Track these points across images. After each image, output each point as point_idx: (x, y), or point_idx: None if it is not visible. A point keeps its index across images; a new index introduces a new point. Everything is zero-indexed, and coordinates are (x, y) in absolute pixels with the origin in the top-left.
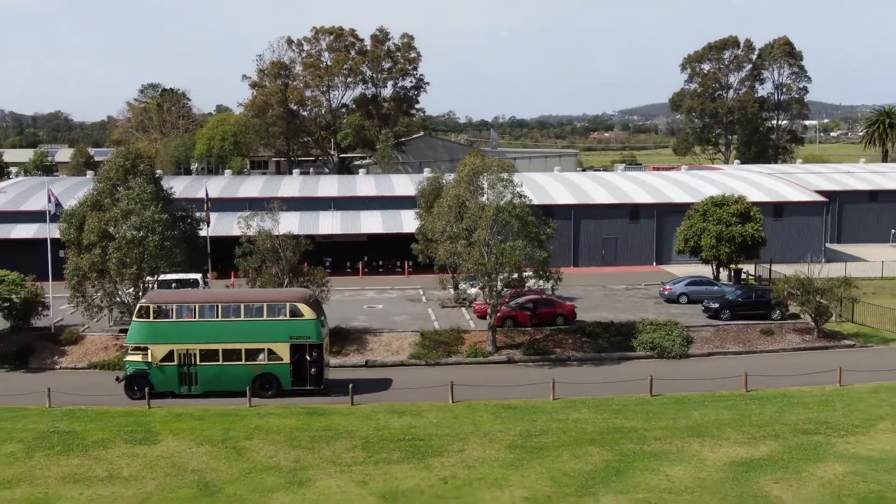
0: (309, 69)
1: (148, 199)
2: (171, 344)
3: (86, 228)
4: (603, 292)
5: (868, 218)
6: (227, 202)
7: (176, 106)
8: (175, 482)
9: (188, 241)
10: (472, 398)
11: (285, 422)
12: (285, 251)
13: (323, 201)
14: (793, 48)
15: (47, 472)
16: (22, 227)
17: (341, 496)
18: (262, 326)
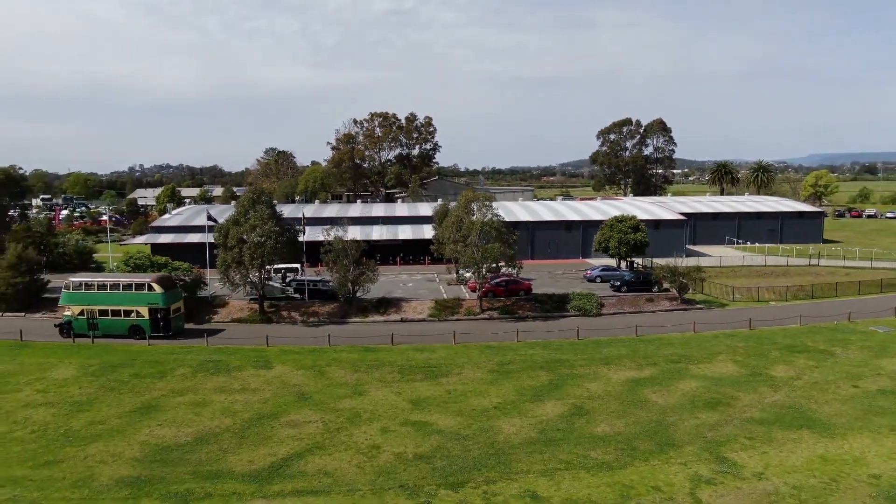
0: (367, 138)
1: (267, 217)
2: (83, 305)
3: (229, 236)
4: (549, 276)
5: (712, 229)
6: (316, 220)
7: (286, 161)
8: (283, 392)
9: (291, 244)
10: (466, 342)
11: (350, 356)
12: (351, 250)
13: (375, 219)
14: (665, 125)
15: (204, 386)
16: (192, 235)
17: (385, 401)
18: (133, 296)
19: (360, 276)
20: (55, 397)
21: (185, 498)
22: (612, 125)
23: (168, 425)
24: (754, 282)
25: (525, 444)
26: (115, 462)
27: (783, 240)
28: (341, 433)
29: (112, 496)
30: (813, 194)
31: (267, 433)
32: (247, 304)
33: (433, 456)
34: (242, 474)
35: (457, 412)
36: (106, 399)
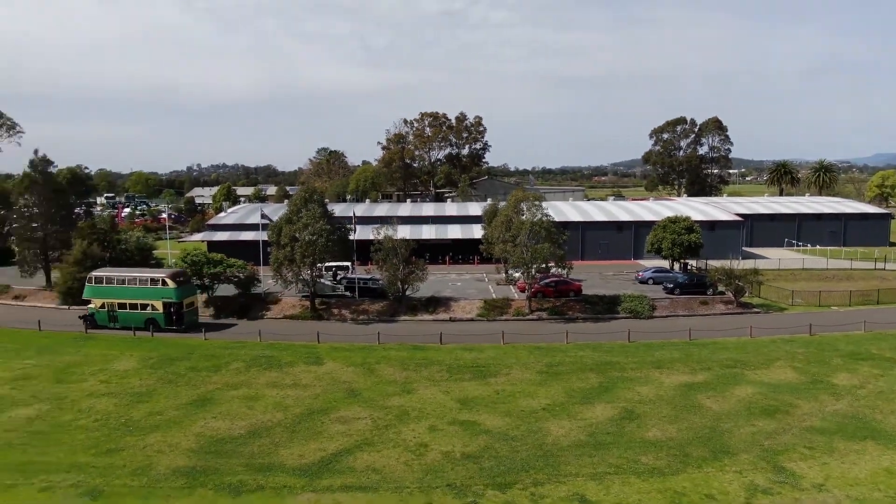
0: (417, 138)
1: (319, 216)
2: (104, 298)
3: (282, 234)
4: (599, 277)
5: (770, 231)
6: (366, 219)
7: (337, 160)
8: (333, 388)
9: (342, 242)
10: (515, 342)
11: (399, 353)
12: (400, 249)
13: (424, 218)
14: (721, 124)
15: (257, 380)
16: (246, 233)
17: (433, 400)
18: (149, 291)
19: (409, 274)
20: (117, 388)
21: (238, 489)
22: (665, 124)
23: (222, 418)
24: (815, 286)
25: (574, 446)
26: (172, 452)
27: (846, 242)
28: (390, 430)
29: (169, 485)
30: (879, 195)
31: (317, 428)
32: (298, 300)
33: (481, 456)
34: (293, 468)
35: (505, 412)
36: (164, 391)
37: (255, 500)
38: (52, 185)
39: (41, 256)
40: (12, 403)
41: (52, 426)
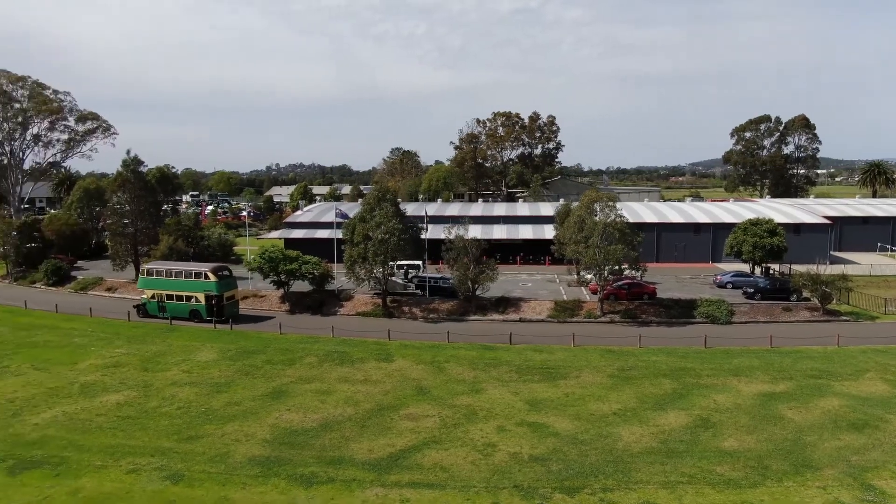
0: (489, 138)
1: (391, 215)
2: (154, 290)
3: (356, 233)
4: (675, 280)
5: (860, 235)
6: (438, 218)
7: (410, 160)
8: (402, 385)
9: (414, 241)
10: (585, 344)
11: (468, 353)
12: (472, 248)
13: (496, 218)
14: (808, 122)
15: (329, 375)
16: (321, 231)
17: (502, 400)
18: (193, 284)
19: (479, 274)
20: (198, 378)
21: (310, 480)
22: (747, 122)
23: (296, 410)
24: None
25: (645, 453)
26: (248, 441)
27: None
28: (458, 429)
29: (245, 473)
30: None
31: (386, 424)
32: (370, 298)
33: (549, 458)
34: (362, 462)
35: (574, 416)
36: (241, 382)
37: (326, 492)
38: (142, 184)
39: (131, 251)
40: (103, 389)
41: (138, 412)
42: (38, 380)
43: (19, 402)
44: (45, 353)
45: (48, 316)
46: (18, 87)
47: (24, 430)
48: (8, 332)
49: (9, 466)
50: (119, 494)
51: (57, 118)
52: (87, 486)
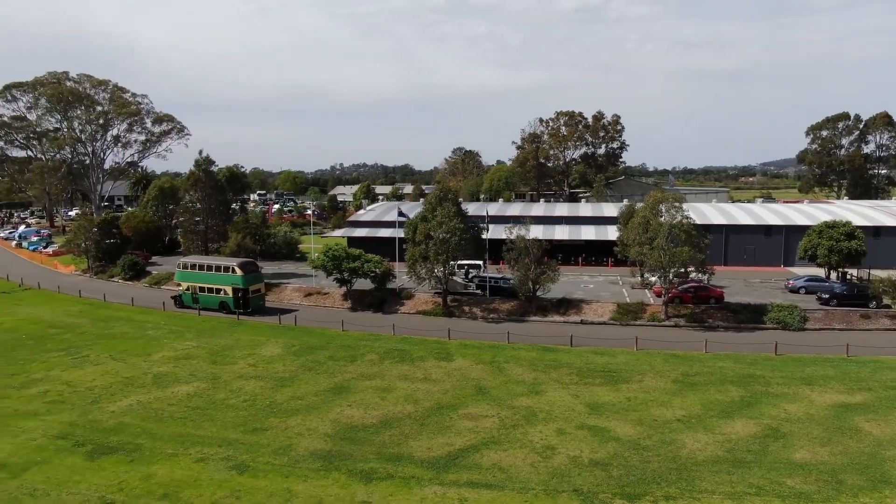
0: (552, 137)
1: (452, 215)
2: (188, 282)
3: (417, 232)
4: (744, 284)
5: None
6: (499, 218)
7: (472, 160)
8: (462, 385)
9: (475, 241)
10: (649, 348)
11: (528, 354)
12: (533, 249)
13: (557, 218)
14: (892, 120)
15: (390, 373)
16: (383, 230)
17: (561, 402)
18: (222, 277)
19: (540, 275)
20: (263, 371)
21: (370, 476)
22: (824, 120)
23: (356, 406)
24: None
25: (710, 462)
26: (311, 435)
27: None
28: (517, 430)
29: (307, 466)
30: None
31: (446, 423)
32: (431, 297)
33: (609, 463)
34: (421, 460)
35: (636, 421)
36: (305, 377)
37: (385, 488)
38: (213, 183)
39: (202, 247)
40: (175, 380)
41: (207, 403)
42: (115, 369)
43: (98, 391)
44: (122, 344)
45: (125, 309)
46: (100, 91)
47: (101, 417)
48: (88, 324)
49: (87, 451)
50: (188, 482)
51: (135, 120)
52: (159, 472)
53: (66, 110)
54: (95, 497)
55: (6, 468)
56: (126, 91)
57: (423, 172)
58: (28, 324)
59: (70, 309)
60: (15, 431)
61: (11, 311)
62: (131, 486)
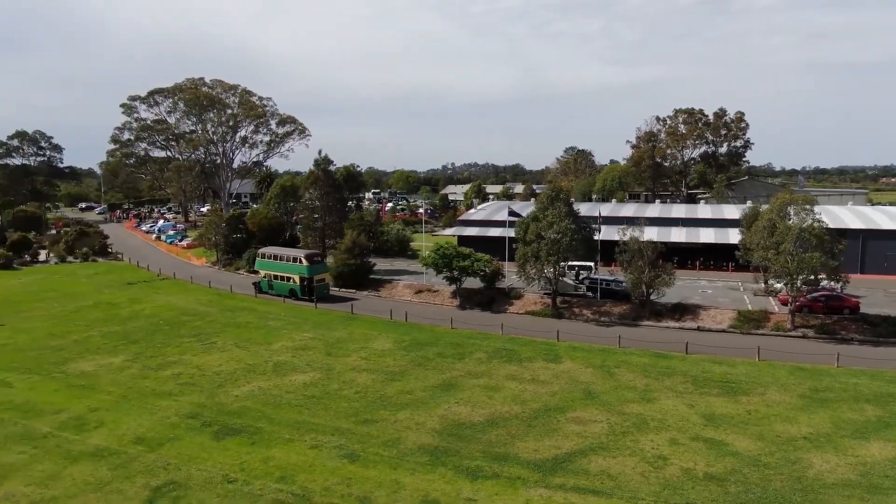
0: (669, 136)
1: (564, 215)
2: (265, 270)
3: (528, 232)
4: (883, 294)
5: None
6: (612, 219)
7: (584, 159)
8: (570, 387)
9: (586, 242)
10: (772, 359)
11: (640, 359)
12: (647, 251)
13: (674, 220)
14: None
15: (497, 372)
16: (493, 230)
17: (675, 411)
18: (291, 267)
19: (655, 278)
20: (374, 365)
21: (475, 474)
22: None
23: (464, 404)
24: None
25: (840, 485)
26: (419, 430)
27: None
28: (626, 437)
29: (414, 460)
30: None
31: (553, 425)
32: (540, 297)
33: (726, 479)
34: (527, 461)
35: (757, 436)
36: (414, 372)
37: (491, 487)
38: (331, 182)
39: (320, 243)
40: (293, 369)
41: (321, 392)
42: (239, 356)
43: (224, 375)
44: (246, 333)
45: (249, 299)
46: (230, 95)
47: (226, 401)
48: (217, 313)
49: (214, 431)
50: (303, 467)
51: (261, 122)
52: (277, 455)
53: (201, 113)
54: (220, 475)
55: (144, 442)
56: (253, 94)
57: (533, 172)
58: (165, 311)
59: (201, 298)
60: (152, 409)
61: (151, 299)
62: (251, 466)
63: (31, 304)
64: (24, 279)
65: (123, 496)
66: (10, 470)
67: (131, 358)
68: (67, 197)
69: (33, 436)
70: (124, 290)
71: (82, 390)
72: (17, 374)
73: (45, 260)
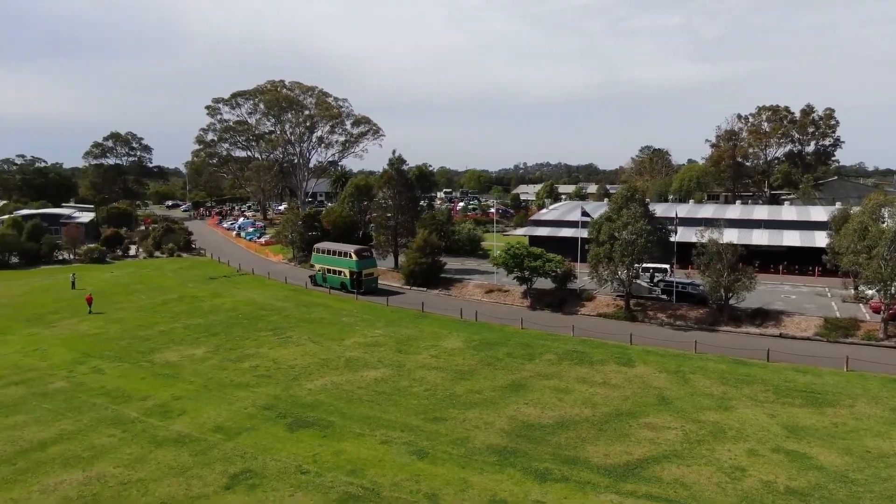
0: (752, 134)
1: (639, 216)
2: (320, 265)
3: (601, 232)
4: None
5: None
6: (689, 220)
7: (660, 159)
8: (643, 392)
9: (662, 243)
10: (862, 370)
11: (717, 366)
12: (726, 253)
13: (755, 222)
14: None
15: (568, 374)
16: (565, 230)
17: (755, 421)
18: (342, 261)
19: (734, 282)
20: (444, 363)
21: (544, 476)
22: None
23: (533, 405)
24: None
25: None
26: (487, 430)
27: None
28: (702, 446)
29: (483, 459)
30: None
31: (624, 430)
32: (612, 299)
33: (810, 494)
34: (597, 466)
35: (844, 450)
36: (483, 372)
37: (559, 490)
38: (404, 181)
39: (392, 242)
40: (364, 365)
41: (392, 389)
42: (313, 351)
43: (298, 369)
44: (320, 329)
45: (323, 296)
46: (308, 96)
47: (301, 394)
48: (292, 308)
49: (288, 423)
50: (373, 461)
51: (336, 122)
52: (348, 449)
53: (280, 114)
54: (293, 465)
55: (223, 430)
56: (329, 95)
57: (607, 172)
58: (244, 305)
59: (277, 294)
60: (231, 399)
61: (231, 293)
62: (323, 458)
63: (121, 296)
64: (115, 272)
65: (203, 482)
66: (102, 451)
67: (212, 350)
68: (155, 195)
69: (122, 420)
70: (206, 284)
71: (167, 379)
72: (108, 362)
73: (134, 254)
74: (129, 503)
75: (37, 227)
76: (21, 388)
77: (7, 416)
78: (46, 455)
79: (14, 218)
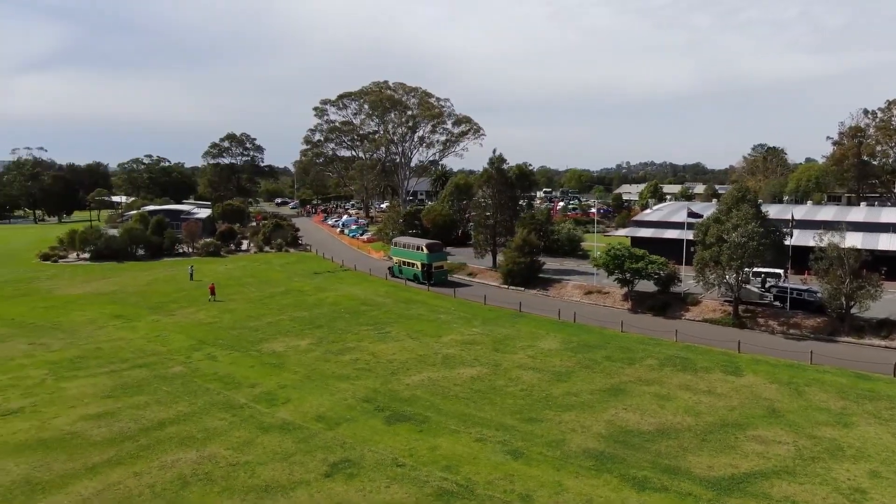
0: (880, 131)
1: (750, 217)
2: (397, 257)
3: (708, 234)
4: None
5: None
6: (806, 223)
7: (775, 158)
8: (751, 403)
9: (776, 247)
10: None
11: (835, 379)
12: (848, 259)
13: (883, 226)
14: None
15: (670, 380)
16: (670, 231)
17: (877, 440)
18: (415, 254)
19: (857, 289)
20: (541, 364)
21: (643, 484)
22: None
23: (632, 411)
24: None
25: None
26: (584, 433)
27: None
28: (816, 464)
29: (578, 463)
30: None
31: (730, 442)
32: (719, 304)
33: None
34: (700, 478)
35: None
36: (581, 374)
37: (658, 500)
38: (503, 180)
39: (490, 241)
40: (460, 363)
41: (487, 387)
42: (411, 347)
43: (396, 364)
44: (418, 325)
45: (422, 293)
46: (410, 97)
47: (398, 388)
48: (392, 304)
49: (386, 416)
50: (468, 459)
51: (438, 122)
52: (443, 445)
53: (383, 115)
54: (390, 458)
55: (324, 420)
56: (431, 96)
57: (716, 171)
58: (346, 300)
59: (378, 290)
60: (332, 391)
61: (335, 288)
62: (419, 453)
63: (234, 287)
64: (228, 266)
65: (305, 468)
66: (213, 434)
67: (315, 342)
68: (265, 193)
69: (232, 405)
70: (311, 279)
71: (273, 368)
72: (221, 350)
73: (246, 249)
74: (238, 484)
75: (160, 222)
76: (144, 370)
77: (132, 396)
78: (165, 434)
79: (141, 213)
